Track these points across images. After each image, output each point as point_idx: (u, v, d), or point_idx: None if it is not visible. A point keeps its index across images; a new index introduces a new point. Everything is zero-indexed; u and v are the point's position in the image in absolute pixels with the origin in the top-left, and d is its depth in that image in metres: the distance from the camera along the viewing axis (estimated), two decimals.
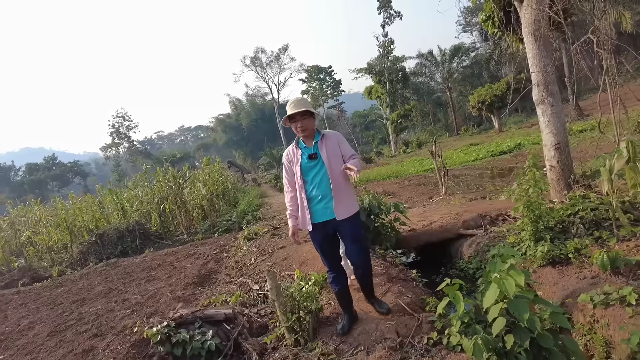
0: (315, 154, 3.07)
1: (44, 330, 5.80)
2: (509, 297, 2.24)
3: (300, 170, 3.09)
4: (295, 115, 3.08)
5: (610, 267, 3.42)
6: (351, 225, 3.10)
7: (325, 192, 3.04)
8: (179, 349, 3.22)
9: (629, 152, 3.50)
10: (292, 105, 3.11)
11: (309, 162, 3.07)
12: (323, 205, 3.05)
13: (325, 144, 3.11)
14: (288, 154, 3.24)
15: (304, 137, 3.15)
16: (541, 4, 4.88)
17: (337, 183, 3.04)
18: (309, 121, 3.10)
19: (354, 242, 3.11)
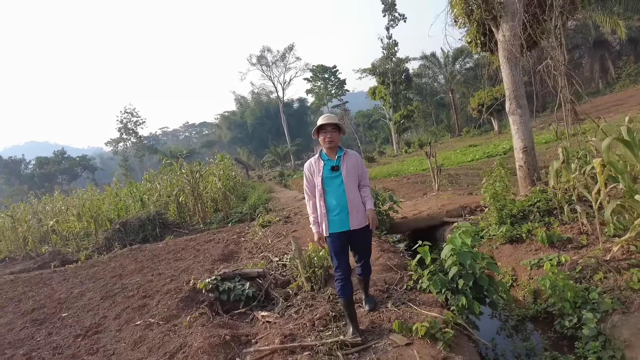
0: (337, 167, 3.30)
1: (95, 296, 6.93)
2: (458, 250, 3.38)
3: (321, 180, 3.30)
4: (326, 126, 3.31)
5: (548, 242, 4.55)
6: (364, 236, 3.39)
7: (342, 204, 3.27)
8: (225, 295, 4.38)
9: (564, 155, 4.61)
10: (324, 118, 3.37)
11: (331, 173, 3.30)
12: (340, 217, 3.28)
13: (347, 161, 3.35)
14: (310, 165, 3.45)
15: (329, 149, 3.35)
16: (512, 35, 5.99)
17: (353, 197, 3.30)
18: (336, 135, 3.34)
19: (363, 251, 3.47)
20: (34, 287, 8.96)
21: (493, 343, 3.47)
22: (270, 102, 69.53)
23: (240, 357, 3.38)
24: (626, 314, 3.00)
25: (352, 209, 3.28)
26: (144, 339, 4.39)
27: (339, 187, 3.29)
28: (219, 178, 14.72)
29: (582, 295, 3.34)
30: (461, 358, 2.72)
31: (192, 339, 3.90)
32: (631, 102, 27.73)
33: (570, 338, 3.30)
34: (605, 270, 3.55)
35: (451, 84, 47.93)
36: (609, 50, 42.13)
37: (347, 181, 3.29)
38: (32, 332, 5.66)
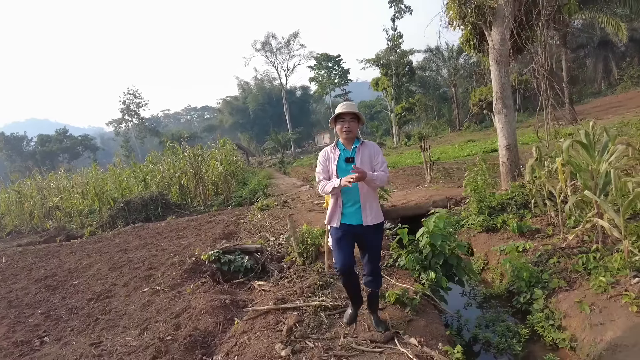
0: (352, 158, 3.12)
1: (103, 267, 7.44)
2: (431, 232, 3.88)
3: (336, 169, 3.14)
4: (344, 115, 3.14)
5: (518, 232, 5.06)
6: (375, 234, 3.15)
7: (356, 198, 3.10)
8: (226, 266, 4.92)
9: (537, 154, 5.09)
10: (343, 106, 3.18)
11: (345, 164, 3.13)
12: (354, 210, 3.11)
13: (363, 151, 3.17)
14: (325, 152, 3.29)
15: (346, 139, 3.17)
16: (500, 39, 6.43)
17: (366, 191, 3.10)
18: (355, 125, 3.16)
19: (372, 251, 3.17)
20: (43, 258, 9.48)
21: (458, 314, 4.00)
22: (273, 88, 69.61)
23: (238, 316, 3.90)
24: (569, 291, 3.51)
25: (365, 203, 3.10)
26: (152, 303, 4.91)
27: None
28: (220, 162, 15.19)
29: (536, 276, 3.86)
30: (425, 321, 3.24)
31: (196, 302, 4.42)
32: (630, 105, 28.06)
33: (524, 312, 3.82)
34: (559, 255, 4.06)
35: (454, 78, 48.07)
36: (613, 51, 42.22)
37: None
38: (47, 296, 6.18)
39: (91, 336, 4.27)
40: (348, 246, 3.19)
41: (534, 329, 3.47)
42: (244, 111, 70.77)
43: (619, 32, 24.13)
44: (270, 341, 3.14)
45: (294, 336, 3.12)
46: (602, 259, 3.66)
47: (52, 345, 4.23)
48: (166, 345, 3.50)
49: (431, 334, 3.07)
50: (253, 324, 3.57)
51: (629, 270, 3.28)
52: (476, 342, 3.55)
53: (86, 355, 3.70)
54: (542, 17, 6.06)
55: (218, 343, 3.57)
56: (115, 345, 3.83)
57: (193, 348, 3.48)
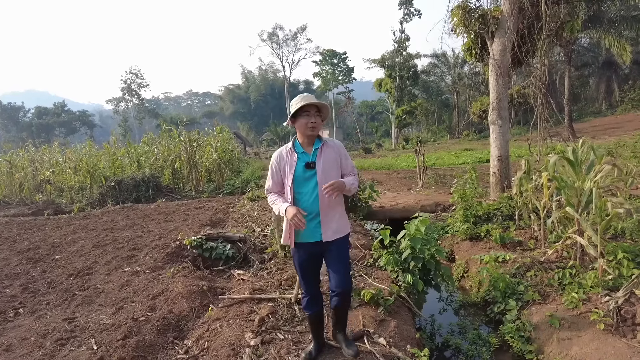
0: (313, 163, 2.59)
1: (87, 244, 7.43)
2: (411, 236, 3.90)
3: (292, 180, 2.59)
4: (309, 108, 2.61)
5: (501, 242, 5.10)
6: (338, 248, 2.68)
7: (314, 210, 2.59)
8: (207, 253, 4.92)
9: (526, 167, 5.13)
10: (306, 97, 2.62)
11: (305, 171, 2.59)
12: (313, 226, 2.60)
13: (326, 154, 2.65)
14: (280, 156, 2.71)
15: (309, 137, 2.65)
16: (501, 50, 6.44)
17: (328, 200, 2.58)
18: (320, 119, 2.67)
19: (338, 265, 2.69)
20: (28, 231, 9.45)
21: (432, 319, 4.03)
22: (276, 80, 69.39)
23: (214, 303, 3.91)
24: (542, 305, 3.55)
25: (325, 216, 2.61)
26: (131, 283, 4.91)
27: (313, 190, 2.59)
28: (215, 150, 15.15)
29: (512, 287, 3.89)
30: (396, 322, 3.27)
31: (174, 286, 4.42)
32: (628, 127, 28.27)
33: (497, 322, 3.86)
34: (536, 269, 4.10)
35: (457, 86, 48.14)
36: (616, 72, 42.40)
37: (323, 181, 2.53)
38: (28, 269, 6.16)
39: (66, 311, 4.27)
40: (312, 270, 2.76)
41: (504, 339, 3.50)
42: (245, 100, 70.56)
43: (623, 54, 24.26)
44: (241, 330, 3.16)
45: (265, 327, 3.14)
46: (578, 276, 3.70)
47: (26, 317, 4.23)
48: (139, 326, 3.51)
49: (401, 335, 3.10)
50: (227, 312, 3.58)
51: (601, 288, 3.32)
52: (446, 348, 3.58)
53: (58, 329, 3.70)
54: (545, 31, 6.08)
55: (191, 328, 3.58)
56: (89, 322, 3.84)
57: (165, 331, 3.49)
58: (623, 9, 31.15)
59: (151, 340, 3.31)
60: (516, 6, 6.37)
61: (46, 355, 3.22)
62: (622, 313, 2.93)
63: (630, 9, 32.37)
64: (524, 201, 5.48)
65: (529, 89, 6.69)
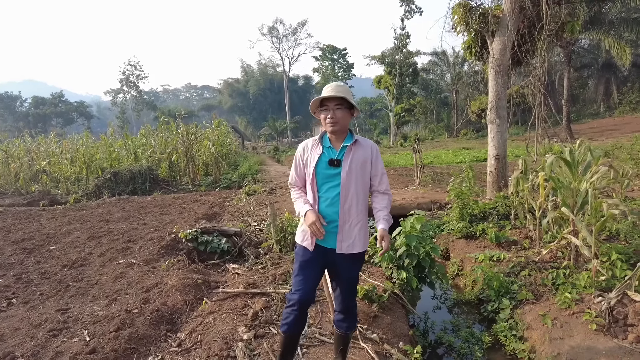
0: (338, 161, 2.31)
1: (82, 235, 7.40)
2: (407, 233, 3.90)
3: (314, 174, 2.35)
4: (328, 101, 2.34)
5: (496, 241, 5.10)
6: (351, 264, 2.41)
7: (332, 214, 2.32)
8: (202, 246, 4.91)
9: (523, 166, 5.13)
10: (329, 88, 2.37)
11: (328, 168, 2.33)
12: (329, 230, 2.32)
13: (355, 153, 2.34)
14: (305, 148, 2.47)
15: (333, 133, 2.37)
16: (501, 49, 6.43)
17: (349, 207, 2.31)
18: (343, 114, 2.33)
19: (346, 284, 2.45)
20: (23, 221, 9.40)
21: (426, 316, 4.04)
22: (276, 75, 69.16)
23: (208, 297, 3.90)
24: (535, 304, 3.56)
25: (343, 224, 2.31)
26: (125, 275, 4.90)
27: (333, 191, 2.32)
28: (213, 143, 15.12)
29: (506, 286, 3.90)
30: (390, 319, 3.27)
31: (168, 279, 4.41)
32: (626, 129, 28.35)
33: (490, 320, 3.87)
34: (531, 268, 4.11)
35: (457, 85, 48.12)
36: (615, 74, 42.49)
37: (346, 183, 2.29)
38: (22, 259, 6.13)
39: (59, 302, 4.25)
40: (314, 276, 2.44)
41: (497, 337, 3.52)
42: (244, 94, 70.32)
43: (622, 56, 24.30)
44: (234, 324, 3.16)
45: (258, 321, 3.13)
46: (571, 276, 3.71)
47: (19, 307, 4.21)
48: (132, 318, 3.50)
49: (394, 332, 3.10)
50: (221, 305, 3.58)
51: (594, 289, 3.33)
52: (439, 345, 3.59)
53: (51, 320, 3.69)
54: (545, 32, 6.07)
55: (184, 321, 3.57)
56: (82, 314, 3.82)
57: (158, 323, 3.48)
58: (624, 11, 31.16)
59: (144, 332, 3.30)
60: (517, 5, 6.35)
61: (38, 345, 3.20)
62: (615, 314, 2.94)
63: (631, 11, 32.37)
64: (520, 201, 5.49)
65: (528, 89, 6.67)
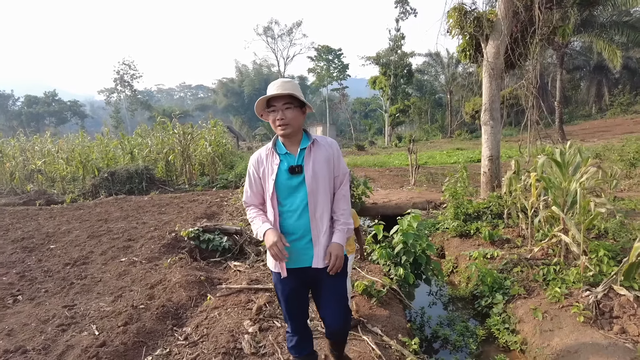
0: (299, 167, 2.08)
1: (82, 234, 7.47)
2: (404, 231, 4.04)
3: (274, 189, 2.09)
4: (275, 101, 2.05)
5: (489, 239, 5.27)
6: (331, 277, 2.13)
7: (304, 227, 2.09)
8: (204, 244, 5.03)
9: (516, 167, 5.30)
10: (274, 87, 2.05)
11: (290, 177, 2.08)
12: (303, 246, 2.11)
13: (316, 155, 2.12)
14: (259, 160, 2.18)
15: (285, 136, 2.12)
16: (495, 52, 6.61)
17: (321, 215, 2.10)
18: (294, 114, 2.07)
19: (333, 298, 2.19)
20: (20, 220, 9.44)
21: (422, 311, 4.19)
22: (271, 75, 69.22)
23: (211, 293, 4.02)
24: (526, 299, 3.73)
25: (317, 234, 2.10)
26: (128, 273, 4.99)
27: (301, 201, 2.08)
28: (209, 143, 15.18)
29: (499, 282, 4.06)
30: (388, 312, 3.42)
31: (171, 276, 4.52)
32: (617, 131, 28.80)
33: (484, 315, 4.03)
34: (523, 265, 4.28)
35: (451, 86, 48.46)
36: (607, 76, 43.08)
37: (314, 190, 2.08)
38: (23, 257, 6.20)
39: (65, 299, 4.34)
40: (301, 305, 2.25)
41: (490, 331, 3.67)
42: (239, 94, 70.30)
43: (614, 59, 24.70)
44: (239, 318, 3.28)
45: (263, 315, 3.26)
46: (561, 272, 3.87)
47: (25, 304, 4.29)
48: (139, 313, 3.61)
49: (393, 325, 3.24)
50: (225, 301, 3.70)
51: (583, 284, 3.49)
52: (435, 338, 3.74)
53: (59, 316, 3.79)
54: (537, 35, 6.25)
55: (189, 316, 3.69)
56: (89, 309, 3.92)
57: (164, 318, 3.59)
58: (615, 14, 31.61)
59: (151, 327, 3.41)
60: (510, 10, 6.53)
61: (48, 339, 3.30)
62: (601, 307, 3.10)
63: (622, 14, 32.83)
64: (512, 200, 5.66)
65: (521, 91, 6.86)
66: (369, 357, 2.71)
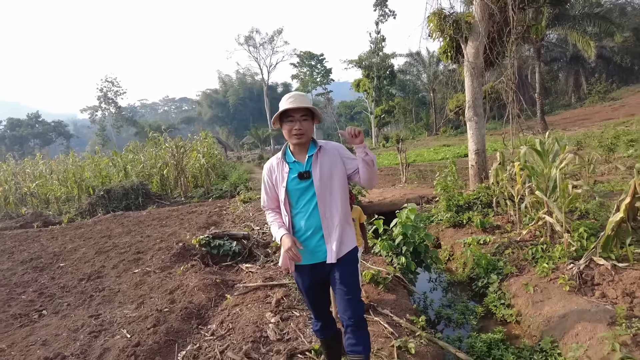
0: (307, 173, 2.27)
1: (89, 251, 7.65)
2: (403, 223, 4.39)
3: (286, 194, 2.30)
4: (294, 112, 2.25)
5: (481, 227, 5.64)
6: (343, 269, 2.30)
7: (315, 225, 2.27)
8: (215, 250, 5.31)
9: (501, 158, 5.70)
10: (290, 100, 2.26)
11: (299, 183, 2.28)
12: (315, 243, 2.29)
13: (322, 161, 2.29)
14: (271, 169, 2.42)
15: (297, 145, 2.33)
16: (474, 52, 7.05)
17: (331, 214, 2.27)
18: (309, 125, 2.30)
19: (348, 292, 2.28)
20: (23, 243, 9.56)
21: (425, 295, 4.54)
22: (255, 83, 69.54)
23: (229, 293, 4.31)
24: (518, 276, 4.10)
25: (329, 232, 2.26)
26: (144, 282, 5.24)
27: (310, 202, 2.28)
28: (202, 155, 15.42)
29: (493, 264, 4.44)
30: (395, 297, 3.76)
31: (188, 281, 4.79)
32: (596, 118, 29.70)
33: (481, 295, 4.39)
34: (513, 247, 4.66)
35: (433, 84, 49.27)
36: (583, 66, 44.27)
37: (322, 193, 2.26)
38: (35, 277, 6.38)
39: (89, 310, 4.57)
40: (323, 296, 2.48)
41: (488, 308, 4.03)
42: (223, 105, 70.39)
43: (588, 50, 25.59)
44: (260, 311, 3.58)
45: (282, 307, 3.57)
46: (548, 250, 4.26)
47: (51, 317, 4.52)
48: (164, 316, 3.88)
49: (400, 307, 3.58)
50: (244, 298, 3.99)
51: (567, 258, 3.87)
52: (439, 318, 4.08)
53: (87, 324, 4.03)
54: (513, 35, 6.69)
55: (211, 315, 3.97)
56: (115, 317, 4.17)
57: (189, 318, 3.87)
58: (586, 6, 32.74)
59: (178, 327, 3.69)
60: (486, 12, 6.97)
61: (84, 345, 3.56)
62: (584, 276, 3.48)
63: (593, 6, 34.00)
64: (500, 189, 6.06)
65: (502, 87, 7.29)
66: (382, 334, 3.04)
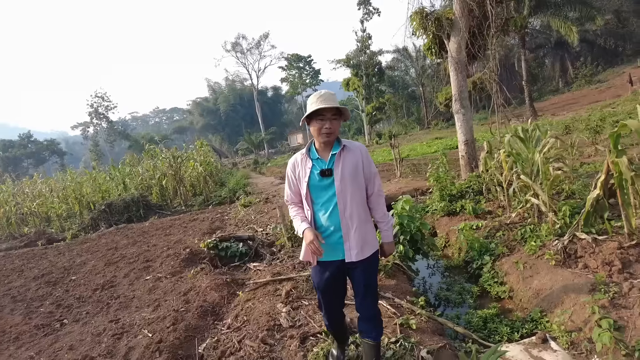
0: (329, 171, 2.32)
1: (98, 263, 7.88)
2: (399, 213, 4.67)
3: (308, 189, 2.37)
4: (325, 111, 2.29)
5: (474, 213, 5.94)
6: (364, 270, 2.38)
7: (335, 224, 2.34)
8: (223, 252, 5.58)
9: (488, 147, 6.00)
10: (321, 99, 2.29)
11: (321, 180, 2.34)
12: (335, 241, 2.36)
13: (345, 160, 2.34)
14: (295, 164, 2.48)
15: (325, 143, 2.37)
16: (457, 47, 7.36)
17: (351, 214, 2.32)
18: (337, 124, 2.35)
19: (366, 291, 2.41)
20: (31, 260, 9.76)
21: (423, 280, 4.83)
22: (245, 89, 69.76)
23: (240, 290, 4.57)
24: (509, 256, 4.40)
25: (347, 231, 2.33)
26: (157, 287, 5.50)
27: (330, 200, 2.34)
28: (200, 163, 15.65)
29: (486, 246, 4.73)
30: (395, 282, 4.04)
31: (199, 283, 5.05)
32: (584, 101, 30.19)
33: (476, 276, 4.67)
34: (504, 229, 4.96)
35: (422, 78, 49.75)
36: (568, 51, 44.85)
37: (342, 192, 2.31)
38: (49, 291, 6.61)
39: (107, 316, 4.83)
40: (333, 292, 2.52)
41: (483, 287, 4.31)
42: (214, 112, 70.57)
43: (570, 35, 26.06)
44: (272, 303, 3.85)
45: (291, 297, 3.84)
46: (536, 230, 4.55)
47: (73, 325, 4.76)
48: (181, 315, 4.14)
49: (401, 290, 3.87)
50: (255, 293, 4.26)
51: (552, 235, 4.17)
52: (438, 299, 4.37)
53: (109, 328, 4.28)
54: (492, 29, 7.01)
55: (226, 311, 4.24)
56: (134, 320, 4.43)
57: (205, 315, 4.13)
58: None
59: (195, 324, 3.95)
60: (466, 8, 7.28)
61: (109, 346, 3.81)
62: (567, 251, 3.78)
63: None
64: (489, 177, 6.35)
65: (486, 78, 7.61)
66: (386, 314, 3.32)
